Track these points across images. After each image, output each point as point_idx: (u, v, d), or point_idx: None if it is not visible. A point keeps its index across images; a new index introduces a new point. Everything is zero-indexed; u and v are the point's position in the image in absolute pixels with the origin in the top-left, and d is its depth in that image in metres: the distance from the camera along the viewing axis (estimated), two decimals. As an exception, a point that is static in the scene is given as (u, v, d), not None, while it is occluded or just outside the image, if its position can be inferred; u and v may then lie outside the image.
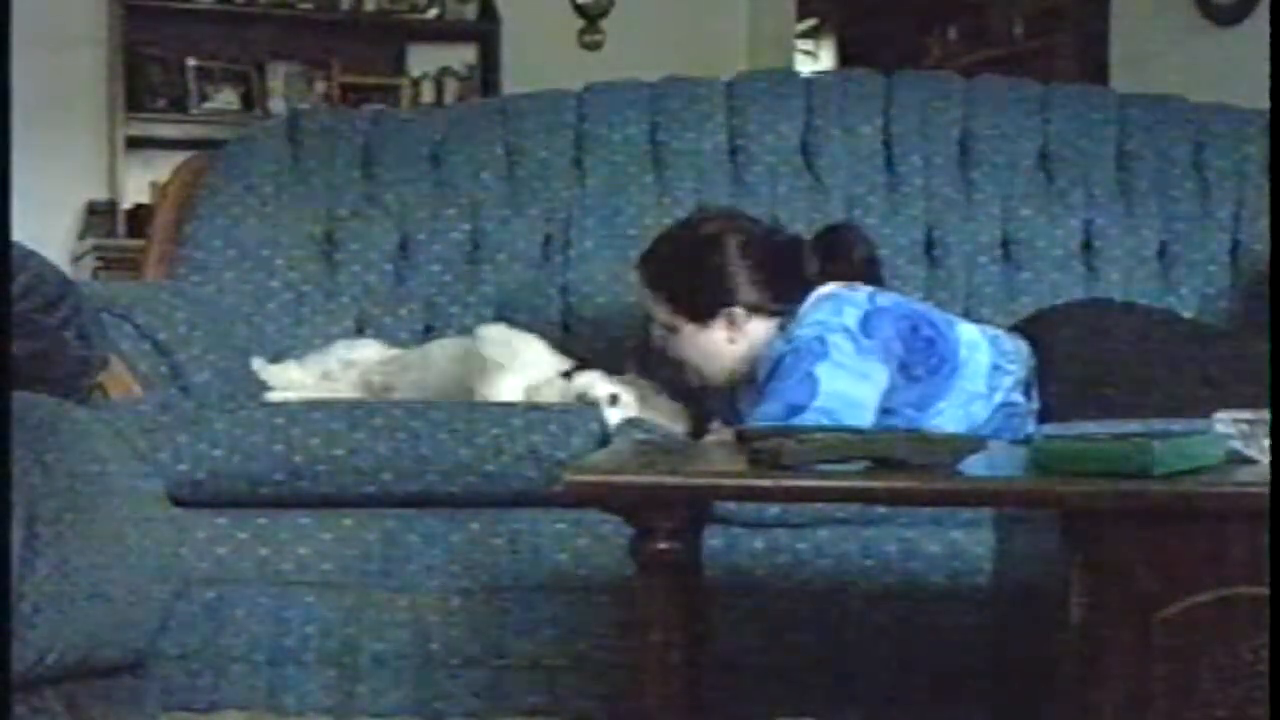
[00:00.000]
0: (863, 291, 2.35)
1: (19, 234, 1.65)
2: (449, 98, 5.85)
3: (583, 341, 2.78)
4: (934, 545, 2.19)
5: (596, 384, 2.42)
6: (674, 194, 2.91)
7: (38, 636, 1.56)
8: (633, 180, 2.93)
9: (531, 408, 2.32)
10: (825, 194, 2.90)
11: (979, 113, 2.96)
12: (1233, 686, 1.49)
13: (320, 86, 5.84)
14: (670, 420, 2.43)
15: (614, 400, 2.38)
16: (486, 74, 5.94)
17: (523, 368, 2.50)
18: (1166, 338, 2.43)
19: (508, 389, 2.47)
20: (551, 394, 2.45)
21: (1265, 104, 2.83)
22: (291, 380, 2.60)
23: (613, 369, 2.61)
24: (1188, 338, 2.45)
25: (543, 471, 2.18)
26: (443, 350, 2.64)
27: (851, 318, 2.27)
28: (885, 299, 2.35)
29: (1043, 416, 2.33)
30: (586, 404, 2.36)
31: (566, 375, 2.50)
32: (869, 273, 2.45)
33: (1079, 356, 2.38)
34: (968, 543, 2.18)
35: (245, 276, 2.81)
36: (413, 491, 2.21)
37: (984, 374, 2.32)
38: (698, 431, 2.44)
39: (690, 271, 2.41)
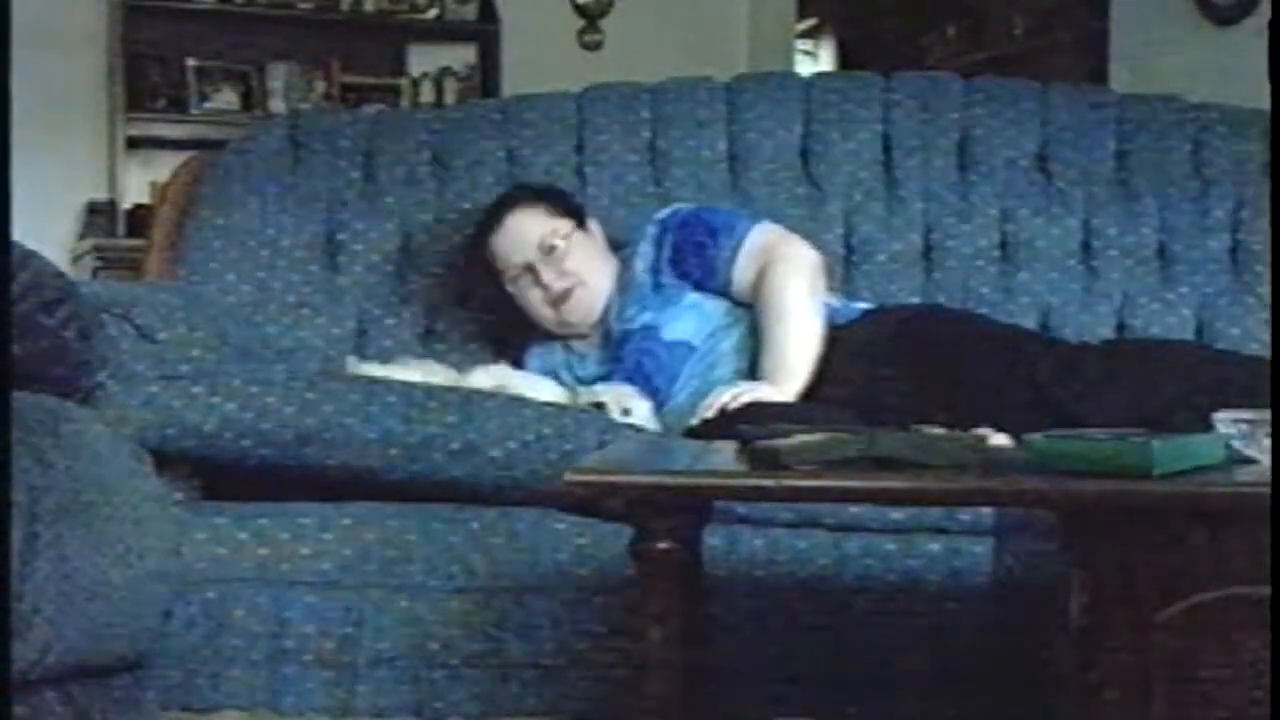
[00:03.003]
0: None
1: (19, 234, 1.65)
2: (449, 98, 5.86)
3: (583, 341, 2.79)
4: (934, 545, 2.19)
5: (609, 393, 2.48)
6: (673, 195, 2.91)
7: (38, 636, 1.56)
8: (632, 181, 2.93)
9: (545, 402, 2.35)
10: (824, 195, 2.90)
11: (978, 113, 2.96)
12: (1233, 686, 1.49)
13: (320, 86, 5.85)
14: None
15: (626, 412, 2.42)
16: (486, 74, 5.95)
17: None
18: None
19: None
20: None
21: (1265, 104, 2.83)
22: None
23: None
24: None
25: (547, 463, 2.19)
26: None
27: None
28: None
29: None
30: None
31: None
32: None
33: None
34: (968, 543, 2.18)
35: (245, 276, 2.81)
36: (415, 470, 2.22)
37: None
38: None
39: (554, 189, 2.76)
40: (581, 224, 2.72)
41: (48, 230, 4.90)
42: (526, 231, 2.68)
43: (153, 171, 5.28)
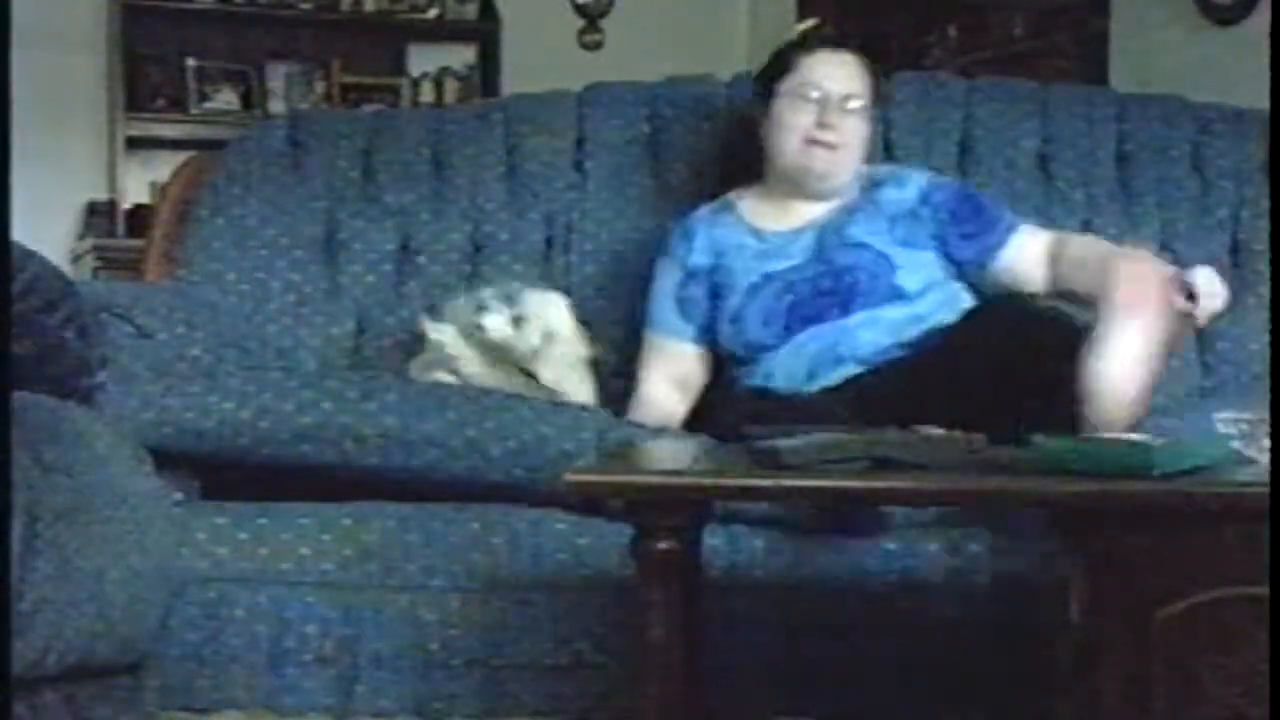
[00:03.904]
0: None
1: (19, 234, 1.65)
2: (449, 98, 5.85)
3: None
4: (934, 544, 2.19)
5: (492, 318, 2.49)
6: (674, 194, 2.91)
7: (38, 636, 1.56)
8: (633, 180, 2.93)
9: (543, 399, 2.34)
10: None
11: (979, 113, 2.95)
12: (1233, 686, 1.49)
13: (320, 86, 5.84)
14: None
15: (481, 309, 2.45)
16: (486, 74, 5.94)
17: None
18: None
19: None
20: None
21: (1265, 104, 2.82)
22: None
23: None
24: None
25: (546, 461, 2.19)
26: None
27: None
28: None
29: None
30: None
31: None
32: None
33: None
34: (967, 543, 2.18)
35: (245, 276, 2.81)
36: (413, 468, 2.21)
37: None
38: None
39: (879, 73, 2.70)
40: (875, 113, 2.70)
41: (48, 230, 4.90)
42: (850, 76, 2.64)
43: (153, 171, 5.29)
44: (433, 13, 5.95)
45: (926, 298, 2.52)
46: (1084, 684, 1.52)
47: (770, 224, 2.64)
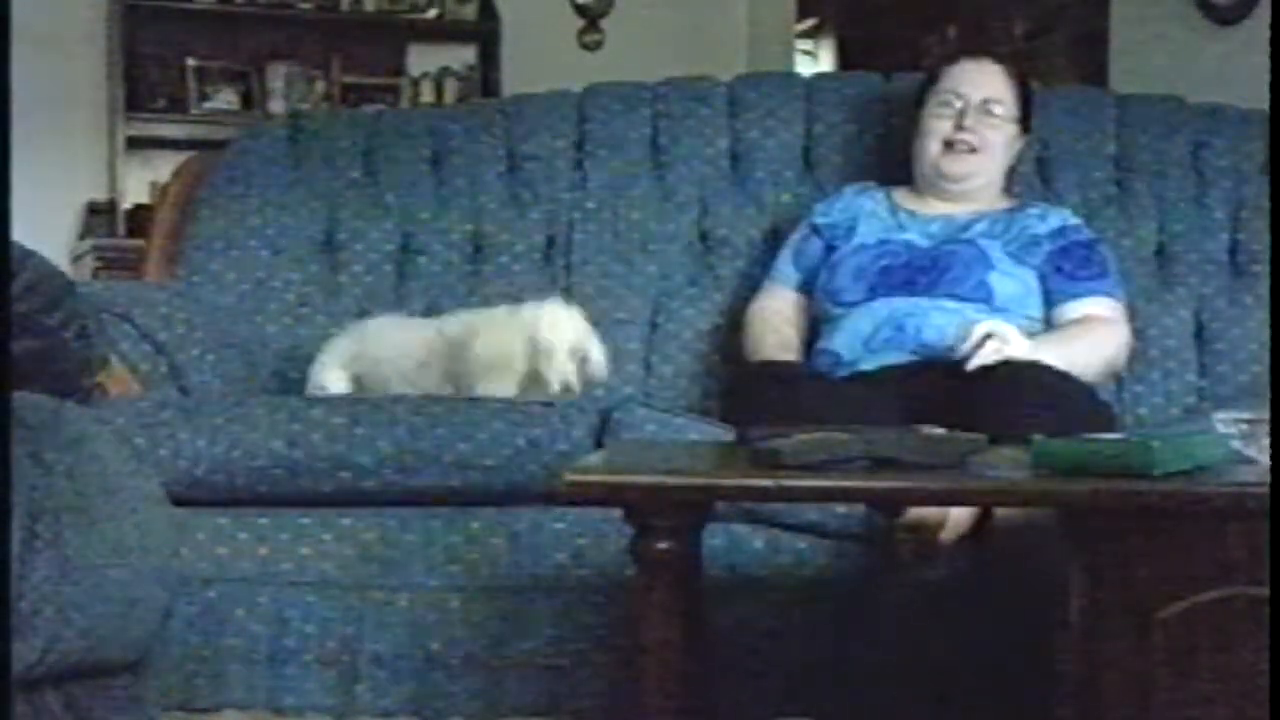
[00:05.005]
0: None
1: (19, 234, 1.65)
2: (449, 98, 5.85)
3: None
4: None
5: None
6: (675, 195, 2.91)
7: (38, 636, 1.56)
8: (633, 181, 2.93)
9: (532, 403, 2.33)
10: (826, 195, 2.90)
11: (979, 113, 2.95)
12: (1233, 686, 1.49)
13: (320, 86, 5.84)
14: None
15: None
16: (486, 74, 5.94)
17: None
18: None
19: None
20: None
21: (1265, 104, 2.82)
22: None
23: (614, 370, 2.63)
24: None
25: (543, 465, 2.18)
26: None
27: None
28: None
29: None
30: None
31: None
32: None
33: None
34: (965, 542, 2.18)
35: (245, 276, 2.81)
36: (413, 487, 2.21)
37: None
38: None
39: (1029, 91, 2.78)
40: (1023, 132, 2.76)
41: (48, 230, 4.90)
42: (991, 82, 2.72)
43: (153, 171, 5.29)
44: (433, 13, 5.95)
45: (1009, 312, 2.54)
46: (1084, 684, 1.52)
47: (911, 206, 2.74)
